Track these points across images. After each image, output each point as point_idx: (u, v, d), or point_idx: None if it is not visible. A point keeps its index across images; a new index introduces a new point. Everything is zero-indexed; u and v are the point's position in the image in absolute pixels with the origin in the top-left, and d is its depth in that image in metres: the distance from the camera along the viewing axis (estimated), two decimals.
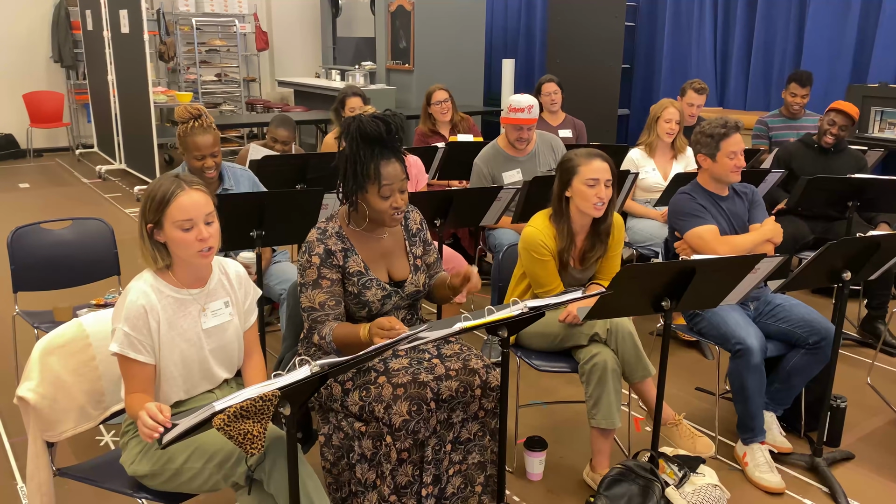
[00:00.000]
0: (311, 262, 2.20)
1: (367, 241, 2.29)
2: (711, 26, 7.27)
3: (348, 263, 2.23)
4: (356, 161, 2.12)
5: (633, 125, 8.34)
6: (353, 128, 2.11)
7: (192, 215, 1.85)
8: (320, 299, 2.19)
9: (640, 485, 2.32)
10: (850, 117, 4.12)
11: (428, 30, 8.14)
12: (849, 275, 2.59)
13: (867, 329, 3.97)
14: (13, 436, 2.98)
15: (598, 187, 2.57)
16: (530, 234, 2.67)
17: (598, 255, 2.73)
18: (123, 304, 1.86)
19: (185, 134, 3.01)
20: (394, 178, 2.14)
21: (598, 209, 2.60)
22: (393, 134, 2.12)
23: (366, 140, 2.10)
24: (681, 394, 3.42)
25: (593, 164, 2.58)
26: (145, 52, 6.79)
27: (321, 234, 2.23)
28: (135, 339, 1.85)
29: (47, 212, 6.46)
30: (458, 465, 2.24)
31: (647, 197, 4.26)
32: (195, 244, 1.86)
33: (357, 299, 2.23)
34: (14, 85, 8.96)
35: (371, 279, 2.24)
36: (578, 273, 2.77)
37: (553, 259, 2.68)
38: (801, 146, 4.36)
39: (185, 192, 1.87)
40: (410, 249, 2.37)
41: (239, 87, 10.06)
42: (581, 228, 2.71)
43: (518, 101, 3.86)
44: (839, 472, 2.82)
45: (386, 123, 2.10)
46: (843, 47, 6.22)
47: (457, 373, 2.21)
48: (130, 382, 1.88)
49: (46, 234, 3.15)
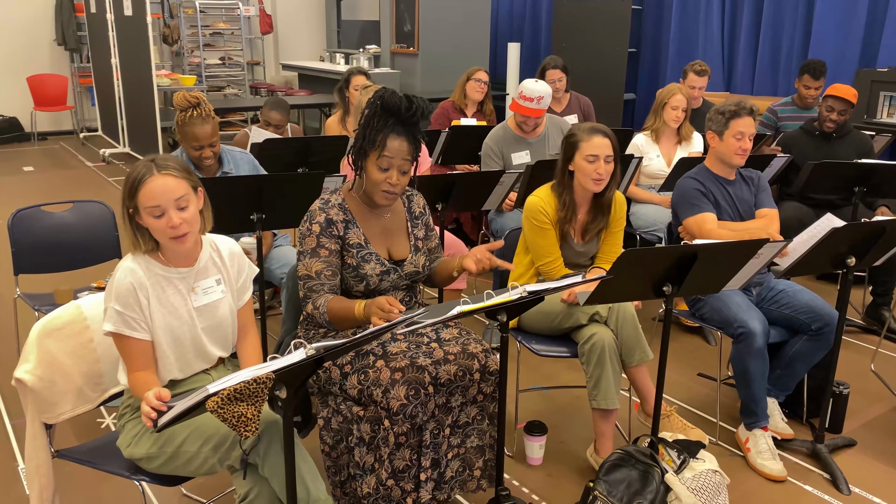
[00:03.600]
0: (311, 230, 2.20)
1: (370, 217, 2.29)
2: (719, 9, 7.19)
3: (348, 235, 2.23)
4: (367, 126, 2.15)
5: (640, 110, 8.28)
6: (377, 96, 2.15)
7: (161, 202, 1.80)
8: (317, 268, 2.19)
9: (640, 470, 2.31)
10: (848, 101, 4.08)
11: (433, 13, 8.08)
12: (853, 261, 2.56)
13: (872, 315, 3.95)
14: (14, 417, 2.99)
15: (597, 163, 2.61)
16: (532, 202, 2.72)
17: (599, 227, 2.76)
18: (112, 284, 1.86)
19: (183, 123, 2.98)
20: (396, 153, 2.13)
21: (598, 184, 2.64)
22: (411, 113, 2.13)
23: (384, 109, 2.13)
24: (682, 379, 3.41)
25: (594, 140, 2.62)
26: (149, 34, 6.76)
27: (324, 204, 2.23)
28: (127, 316, 1.84)
29: (51, 195, 6.46)
30: (456, 449, 2.23)
31: (650, 183, 4.23)
32: (167, 231, 1.83)
33: (355, 272, 2.23)
34: (18, 68, 8.95)
35: (370, 252, 2.24)
36: (579, 247, 2.77)
37: (553, 228, 2.71)
38: (803, 133, 4.33)
39: (154, 177, 1.80)
40: (412, 230, 2.37)
41: (243, 71, 10.02)
42: (583, 201, 2.75)
43: (531, 89, 3.82)
44: (841, 458, 2.80)
45: (409, 101, 2.13)
46: (851, 31, 6.15)
47: (455, 357, 2.20)
48: (130, 361, 1.87)
49: (47, 217, 3.14)
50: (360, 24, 10.02)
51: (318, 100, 8.04)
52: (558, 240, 2.73)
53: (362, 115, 2.19)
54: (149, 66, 6.88)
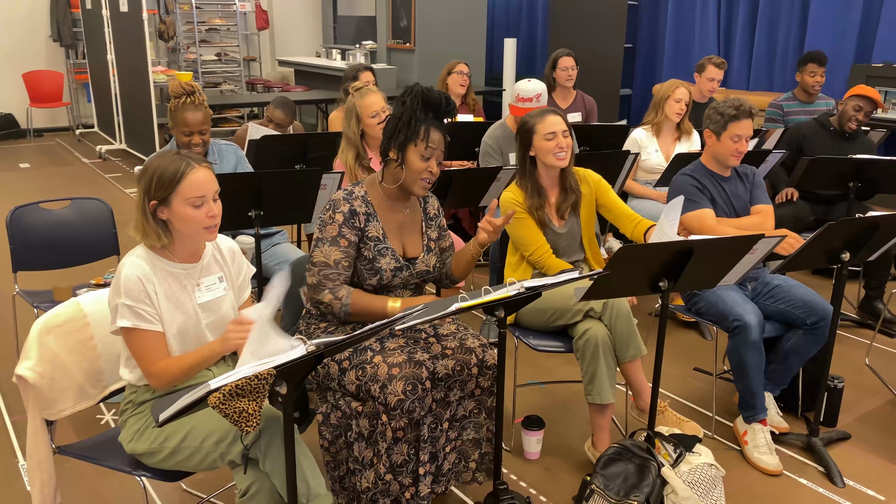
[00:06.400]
0: (334, 218, 2.24)
1: (389, 212, 2.33)
2: (715, 4, 7.20)
3: (368, 227, 2.26)
4: (412, 118, 2.22)
5: (636, 105, 8.29)
6: (417, 90, 2.24)
7: (205, 192, 1.89)
8: (336, 257, 2.22)
9: (637, 464, 2.33)
10: (875, 103, 4.08)
11: (429, 8, 8.08)
12: (847, 255, 2.59)
13: (866, 309, 3.97)
14: (14, 414, 3.00)
15: (556, 139, 2.73)
16: (504, 198, 2.83)
17: (571, 202, 2.84)
18: (119, 280, 1.86)
19: (175, 108, 3.00)
20: (438, 144, 2.25)
21: (561, 159, 2.75)
22: (449, 108, 2.26)
23: (426, 104, 2.23)
24: (678, 374, 3.43)
25: (547, 119, 2.74)
26: (144, 30, 6.75)
27: (347, 195, 2.27)
28: (139, 309, 1.85)
29: (47, 192, 6.46)
30: (454, 442, 2.26)
31: (648, 178, 4.24)
32: (205, 220, 1.90)
33: (371, 265, 2.25)
34: (14, 64, 8.93)
35: (387, 247, 2.28)
36: (561, 228, 2.83)
37: (529, 217, 2.79)
38: (817, 126, 4.28)
39: (196, 169, 1.89)
40: (426, 231, 2.40)
41: (239, 67, 10.01)
42: (550, 183, 2.84)
43: (525, 89, 3.83)
44: (835, 451, 2.83)
45: (446, 98, 2.25)
46: (847, 27, 6.17)
47: (453, 352, 2.22)
48: (148, 354, 1.87)
49: (46, 214, 3.15)
50: (356, 19, 10.01)
51: (315, 96, 8.03)
52: (538, 226, 2.79)
53: (399, 106, 2.26)
54: (145, 62, 6.87)
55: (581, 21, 7.63)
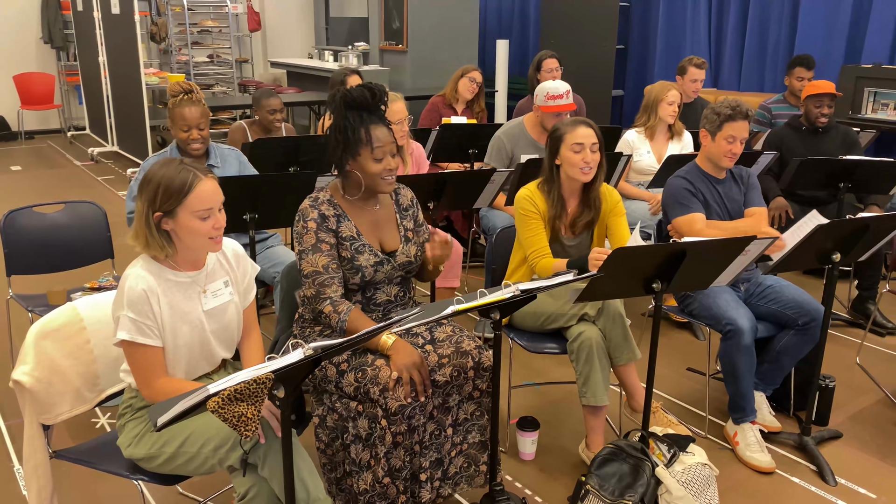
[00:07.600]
0: (307, 227, 2.22)
1: (359, 211, 2.31)
2: (706, 6, 7.24)
3: (341, 228, 2.25)
4: (346, 127, 2.17)
5: (628, 106, 8.32)
6: (339, 97, 2.18)
7: (212, 204, 1.87)
8: (323, 262, 2.21)
9: (631, 464, 2.35)
10: (832, 94, 4.13)
11: (421, 10, 8.08)
12: (838, 256, 2.61)
13: (857, 309, 4.01)
14: (9, 418, 3.00)
15: (584, 152, 2.66)
16: (521, 194, 2.77)
17: (587, 220, 2.79)
18: (123, 292, 1.84)
19: (174, 105, 3.04)
20: (385, 141, 2.19)
21: (586, 173, 2.68)
22: (377, 100, 2.20)
23: (353, 107, 2.18)
24: (672, 374, 3.45)
25: (578, 130, 2.67)
26: (136, 32, 6.73)
27: (313, 202, 2.26)
28: (141, 323, 1.84)
29: (40, 195, 6.43)
30: (459, 447, 2.27)
31: (640, 179, 4.26)
32: (211, 231, 1.88)
33: (350, 264, 2.25)
34: (4, 66, 8.88)
35: (364, 244, 2.27)
36: (570, 241, 2.80)
37: (541, 219, 2.74)
38: (789, 130, 4.35)
39: (203, 180, 1.87)
40: (401, 222, 2.40)
41: (231, 69, 9.99)
42: (571, 194, 2.78)
43: (555, 87, 3.83)
44: (827, 450, 2.86)
45: (370, 90, 2.18)
46: (837, 28, 6.21)
47: (449, 358, 2.23)
48: (147, 370, 1.86)
49: (39, 218, 3.14)
50: (348, 21, 10.01)
51: (308, 97, 8.02)
52: (548, 234, 2.76)
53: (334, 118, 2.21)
54: (137, 64, 6.86)
55: (572, 22, 7.66)
